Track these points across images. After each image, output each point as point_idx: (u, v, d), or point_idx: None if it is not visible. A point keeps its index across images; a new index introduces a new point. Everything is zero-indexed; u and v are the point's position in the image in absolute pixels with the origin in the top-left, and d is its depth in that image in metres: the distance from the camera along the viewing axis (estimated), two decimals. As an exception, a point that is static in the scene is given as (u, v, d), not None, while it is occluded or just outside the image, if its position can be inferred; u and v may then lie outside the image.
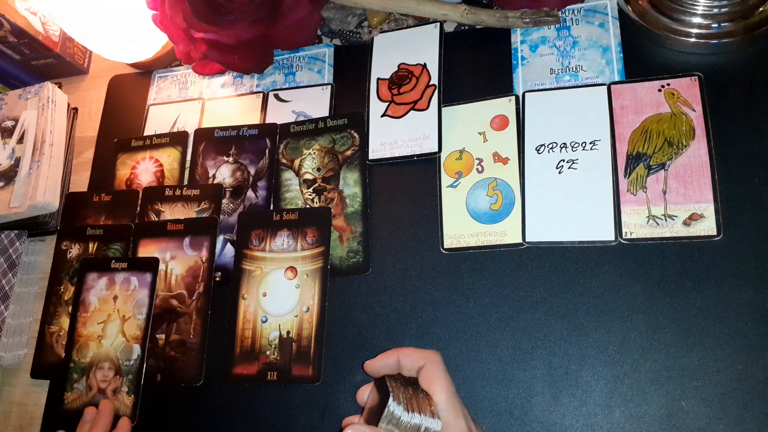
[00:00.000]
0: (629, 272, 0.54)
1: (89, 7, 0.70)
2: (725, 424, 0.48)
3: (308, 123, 0.69)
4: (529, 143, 0.60)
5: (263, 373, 0.59)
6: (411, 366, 0.45)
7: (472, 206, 0.60)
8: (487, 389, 0.54)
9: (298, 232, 0.64)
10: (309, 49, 0.74)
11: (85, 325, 0.66)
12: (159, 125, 0.77)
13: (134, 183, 0.74)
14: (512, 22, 0.64)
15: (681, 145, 0.56)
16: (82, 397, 0.63)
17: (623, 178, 0.56)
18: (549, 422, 0.52)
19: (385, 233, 0.62)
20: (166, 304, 0.65)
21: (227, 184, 0.70)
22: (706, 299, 0.51)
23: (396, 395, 0.41)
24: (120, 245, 0.69)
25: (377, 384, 0.45)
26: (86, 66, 0.86)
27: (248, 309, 0.62)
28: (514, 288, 0.56)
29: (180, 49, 0.72)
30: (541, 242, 0.57)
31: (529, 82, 0.63)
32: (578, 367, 0.53)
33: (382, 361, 0.46)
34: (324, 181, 0.66)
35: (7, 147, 0.76)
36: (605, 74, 0.60)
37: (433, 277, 0.59)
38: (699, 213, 0.53)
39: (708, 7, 0.57)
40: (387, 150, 0.65)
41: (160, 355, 0.63)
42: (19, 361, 0.70)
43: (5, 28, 0.75)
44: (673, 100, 0.57)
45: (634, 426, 0.50)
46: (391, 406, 0.40)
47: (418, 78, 0.66)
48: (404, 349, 0.46)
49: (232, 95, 0.76)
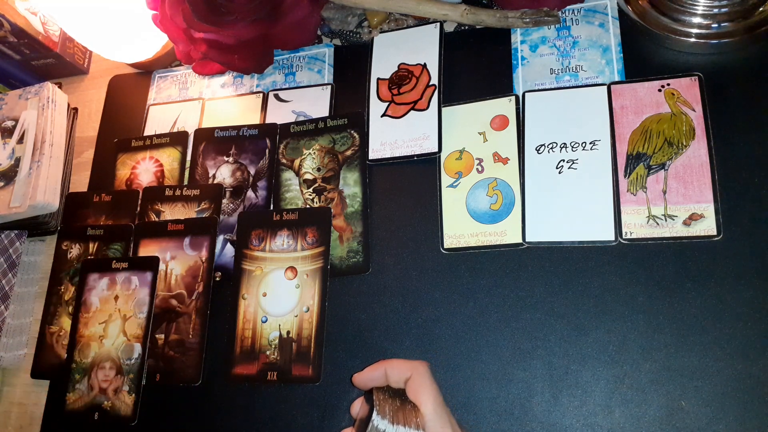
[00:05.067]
0: (629, 272, 0.54)
1: (89, 7, 0.70)
2: (725, 424, 0.48)
3: (308, 123, 0.69)
4: (529, 143, 0.60)
5: (263, 373, 0.59)
6: (398, 378, 0.44)
7: (472, 206, 0.60)
8: (487, 389, 0.54)
9: (298, 232, 0.64)
10: (309, 49, 0.74)
11: (87, 326, 0.66)
12: (159, 125, 0.77)
13: (134, 183, 0.74)
14: (512, 22, 0.64)
15: (681, 145, 0.55)
16: (83, 398, 0.63)
17: (623, 178, 0.56)
18: (549, 422, 0.52)
19: (385, 233, 0.62)
20: (166, 304, 0.65)
21: (227, 184, 0.70)
22: (706, 299, 0.51)
23: (381, 408, 0.41)
24: (120, 245, 0.70)
25: (366, 397, 0.45)
26: (86, 66, 0.86)
27: (248, 309, 0.62)
28: (514, 288, 0.57)
29: (180, 49, 0.72)
30: (541, 242, 0.57)
31: (529, 82, 0.63)
32: (578, 367, 0.53)
33: (370, 374, 0.46)
34: (324, 181, 0.66)
35: (7, 147, 0.76)
36: (605, 74, 0.60)
37: (433, 277, 0.59)
38: (699, 213, 0.53)
39: (708, 7, 0.57)
40: (387, 150, 0.65)
41: (159, 355, 0.63)
42: (19, 361, 0.70)
43: (5, 28, 0.75)
44: (673, 100, 0.57)
45: (634, 426, 0.50)
46: (375, 420, 0.41)
47: (418, 78, 0.66)
48: (391, 361, 0.46)
49: (232, 95, 0.76)
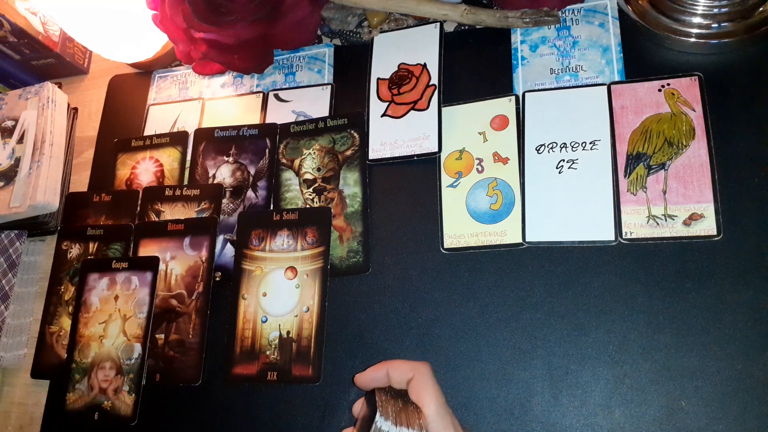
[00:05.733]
0: (629, 272, 0.54)
1: (89, 7, 0.70)
2: (725, 424, 0.48)
3: (308, 123, 0.69)
4: (529, 143, 0.60)
5: (263, 373, 0.59)
6: (400, 378, 0.44)
7: (472, 206, 0.60)
8: (487, 389, 0.54)
9: (298, 232, 0.64)
10: (309, 49, 0.74)
11: (87, 326, 0.66)
12: (159, 125, 0.77)
13: (134, 183, 0.74)
14: (512, 22, 0.64)
15: (681, 145, 0.55)
16: (83, 398, 0.63)
17: (623, 178, 0.56)
18: (549, 422, 0.52)
19: (385, 233, 0.62)
20: (166, 304, 0.65)
21: (227, 184, 0.69)
22: (706, 299, 0.51)
23: (384, 409, 0.41)
24: (120, 245, 0.69)
25: (367, 397, 0.45)
26: (86, 66, 0.86)
27: (248, 309, 0.62)
28: (514, 288, 0.57)
29: (180, 49, 0.72)
30: (541, 242, 0.57)
31: (529, 82, 0.63)
32: (578, 367, 0.53)
33: (372, 374, 0.46)
34: (324, 181, 0.66)
35: (7, 147, 0.76)
36: (605, 74, 0.60)
37: (433, 277, 0.59)
38: (699, 213, 0.53)
39: (708, 7, 0.57)
40: (387, 150, 0.65)
41: (159, 355, 0.63)
42: (19, 361, 0.70)
43: (5, 28, 0.75)
44: (673, 100, 0.57)
45: (634, 426, 0.50)
46: (378, 421, 0.40)
47: (418, 78, 0.66)
48: (393, 362, 0.45)
49: (232, 95, 0.76)
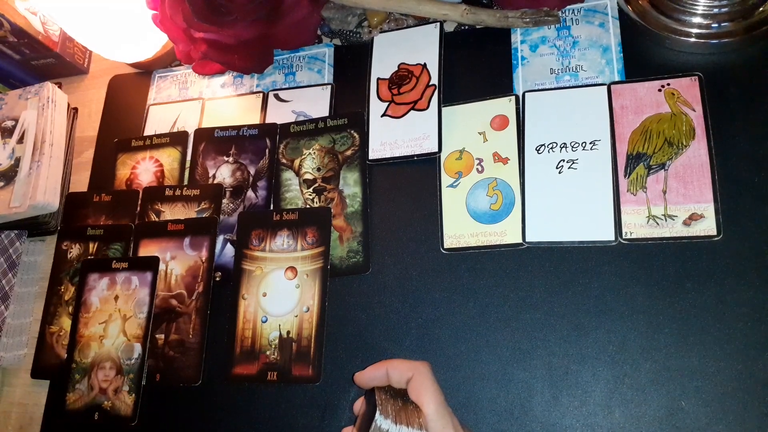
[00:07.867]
0: (629, 272, 0.54)
1: (89, 7, 0.70)
2: (725, 424, 0.48)
3: (308, 123, 0.69)
4: (529, 143, 0.60)
5: (263, 373, 0.59)
6: (400, 378, 0.44)
7: (472, 206, 0.60)
8: (487, 389, 0.54)
9: (298, 232, 0.64)
10: (309, 49, 0.74)
11: (87, 326, 0.66)
12: (159, 125, 0.77)
13: (134, 183, 0.74)
14: (512, 22, 0.64)
15: (681, 145, 0.55)
16: (83, 398, 0.63)
17: (623, 178, 0.56)
18: (549, 422, 0.52)
19: (385, 233, 0.62)
20: (166, 304, 0.65)
21: (227, 184, 0.69)
22: (706, 299, 0.51)
23: (384, 408, 0.41)
24: (120, 245, 0.69)
25: (367, 396, 0.45)
26: (86, 66, 0.86)
27: (248, 309, 0.62)
28: (514, 288, 0.56)
29: (180, 49, 0.72)
30: (541, 242, 0.57)
31: (529, 82, 0.63)
32: (578, 367, 0.53)
33: (371, 373, 0.46)
34: (324, 181, 0.66)
35: (7, 147, 0.76)
36: (605, 74, 0.60)
37: (433, 277, 0.59)
38: (699, 213, 0.53)
39: (708, 7, 0.57)
40: (387, 150, 0.65)
41: (159, 355, 0.63)
42: (19, 361, 0.70)
43: (5, 28, 0.75)
44: (673, 100, 0.57)
45: (634, 426, 0.50)
46: (378, 420, 0.41)
47: (418, 78, 0.66)
48: (393, 361, 0.45)
49: (232, 95, 0.76)
